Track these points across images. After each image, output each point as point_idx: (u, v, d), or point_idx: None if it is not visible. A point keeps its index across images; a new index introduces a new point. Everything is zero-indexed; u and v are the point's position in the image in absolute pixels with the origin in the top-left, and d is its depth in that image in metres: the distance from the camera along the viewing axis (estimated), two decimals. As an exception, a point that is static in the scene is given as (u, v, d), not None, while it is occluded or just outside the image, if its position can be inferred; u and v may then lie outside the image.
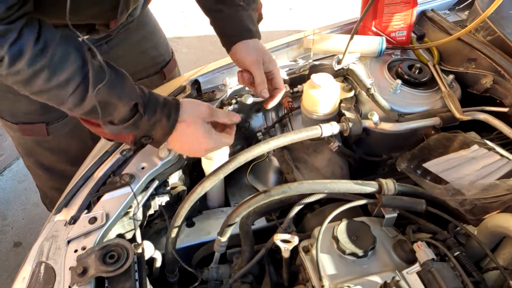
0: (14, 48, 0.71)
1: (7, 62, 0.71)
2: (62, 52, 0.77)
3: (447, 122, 1.09)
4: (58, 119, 1.22)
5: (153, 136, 0.89)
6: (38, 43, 0.74)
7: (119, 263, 0.78)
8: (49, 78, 0.76)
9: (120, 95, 0.82)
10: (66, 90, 0.78)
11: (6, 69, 0.72)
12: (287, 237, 0.85)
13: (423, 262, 0.78)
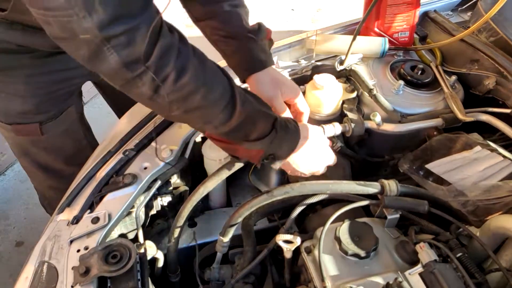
0: (178, 63, 0.69)
1: (173, 78, 0.69)
2: (213, 66, 0.77)
3: (449, 123, 1.09)
4: (52, 118, 1.22)
5: (278, 153, 0.88)
6: (195, 57, 0.73)
7: (121, 263, 0.78)
8: (207, 93, 0.74)
9: (261, 110, 0.83)
10: (219, 106, 0.77)
11: (172, 85, 0.70)
12: (289, 238, 0.85)
13: (425, 263, 0.78)
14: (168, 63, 0.69)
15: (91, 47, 0.63)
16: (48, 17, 0.60)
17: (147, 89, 0.69)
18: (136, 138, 1.05)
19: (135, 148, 1.02)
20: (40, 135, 1.21)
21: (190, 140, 1.08)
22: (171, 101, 0.72)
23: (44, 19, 0.60)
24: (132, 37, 0.64)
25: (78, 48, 0.64)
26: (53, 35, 0.63)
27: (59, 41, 0.64)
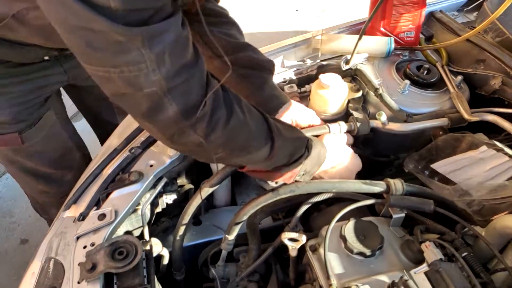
0: (227, 106, 0.70)
1: (223, 121, 0.70)
2: (247, 103, 0.77)
3: (455, 123, 1.09)
4: (31, 126, 1.20)
5: (310, 168, 0.90)
6: (235, 98, 0.74)
7: (128, 260, 0.78)
8: (250, 131, 0.75)
9: (294, 136, 0.85)
10: (259, 142, 0.78)
11: (222, 129, 0.70)
12: (295, 236, 0.85)
13: (431, 262, 0.78)
14: (219, 107, 0.69)
15: (154, 100, 0.62)
16: (113, 73, 0.58)
17: (198, 136, 0.68)
18: (142, 136, 1.05)
19: (141, 145, 1.03)
20: (21, 143, 1.20)
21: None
22: (218, 145, 0.72)
23: (107, 76, 0.59)
24: (190, 86, 0.64)
25: (138, 102, 0.63)
26: (112, 91, 0.62)
27: (116, 97, 0.63)
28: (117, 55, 0.56)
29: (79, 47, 0.57)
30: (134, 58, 0.57)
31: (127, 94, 0.62)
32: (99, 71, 0.59)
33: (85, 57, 0.59)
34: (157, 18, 0.57)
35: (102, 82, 0.61)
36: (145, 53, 0.56)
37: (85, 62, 0.59)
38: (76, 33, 0.55)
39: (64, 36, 0.57)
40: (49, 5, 0.55)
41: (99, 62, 0.58)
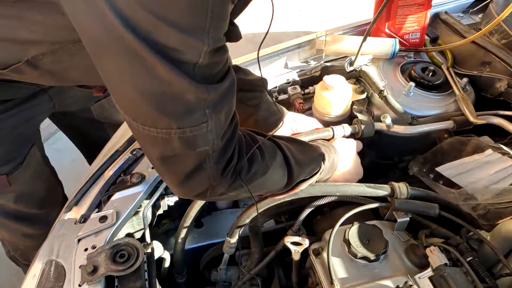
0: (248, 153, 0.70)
1: (246, 169, 0.70)
2: (260, 137, 0.76)
3: (460, 125, 1.08)
4: (18, 166, 1.13)
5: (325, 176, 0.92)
6: (249, 137, 0.74)
7: (129, 262, 0.77)
8: (271, 170, 0.75)
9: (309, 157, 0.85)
10: (279, 173, 0.78)
11: (245, 176, 0.70)
12: (298, 239, 0.85)
13: (436, 267, 0.77)
14: (242, 157, 0.68)
15: (201, 159, 0.61)
16: (174, 135, 0.56)
17: (224, 187, 0.68)
18: (144, 138, 1.04)
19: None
20: (8, 186, 1.13)
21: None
22: (239, 190, 0.72)
23: (166, 137, 0.57)
24: (231, 143, 0.65)
25: (185, 163, 0.62)
26: (162, 153, 0.61)
27: (163, 159, 0.62)
28: (184, 116, 0.55)
29: (142, 110, 0.55)
30: (198, 118, 0.56)
31: (178, 155, 0.60)
32: (156, 133, 0.57)
33: (144, 118, 0.56)
34: (221, 73, 0.57)
35: (153, 143, 0.59)
36: (208, 112, 0.56)
37: (141, 123, 0.57)
38: (151, 98, 0.54)
39: (130, 97, 0.55)
40: (130, 71, 0.52)
41: (163, 124, 0.56)
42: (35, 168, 1.19)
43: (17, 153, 1.12)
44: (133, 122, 0.58)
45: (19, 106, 1.05)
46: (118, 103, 0.58)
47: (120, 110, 0.59)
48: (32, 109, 1.09)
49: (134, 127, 0.59)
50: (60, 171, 1.42)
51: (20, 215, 1.25)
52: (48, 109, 1.18)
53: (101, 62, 0.55)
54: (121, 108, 0.58)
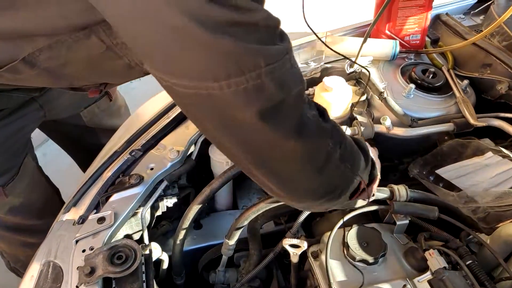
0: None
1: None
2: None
3: (461, 128, 1.08)
4: (13, 177, 1.11)
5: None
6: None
7: (126, 264, 0.77)
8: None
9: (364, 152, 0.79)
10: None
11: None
12: (296, 242, 0.84)
13: (435, 271, 0.77)
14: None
15: (301, 102, 0.57)
16: (264, 76, 0.50)
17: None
18: (143, 139, 1.04)
19: (141, 148, 1.01)
20: (5, 198, 1.11)
21: (197, 141, 1.07)
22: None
23: (257, 82, 0.50)
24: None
25: (287, 112, 0.55)
26: (261, 105, 0.52)
27: (263, 115, 0.52)
28: (266, 48, 0.51)
29: (223, 51, 0.49)
30: (278, 50, 0.52)
31: (277, 103, 0.53)
32: (246, 81, 0.49)
33: (226, 67, 0.49)
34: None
35: (246, 100, 0.51)
36: (281, 43, 0.53)
37: (225, 77, 0.49)
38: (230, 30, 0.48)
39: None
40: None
41: (249, 64, 0.49)
42: (30, 178, 1.18)
43: (11, 164, 1.10)
44: (214, 84, 0.49)
45: (9, 117, 1.03)
46: (191, 68, 0.50)
47: (191, 79, 0.50)
48: (23, 118, 1.08)
49: (217, 96, 0.50)
50: (58, 174, 1.42)
51: (19, 226, 1.24)
52: (39, 117, 1.16)
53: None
54: (195, 72, 0.50)
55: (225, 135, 0.56)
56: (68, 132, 1.40)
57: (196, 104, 0.53)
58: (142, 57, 0.55)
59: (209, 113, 0.54)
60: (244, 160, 0.59)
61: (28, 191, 1.19)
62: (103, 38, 0.68)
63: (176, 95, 0.54)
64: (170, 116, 1.10)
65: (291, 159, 0.58)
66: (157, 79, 0.54)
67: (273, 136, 0.54)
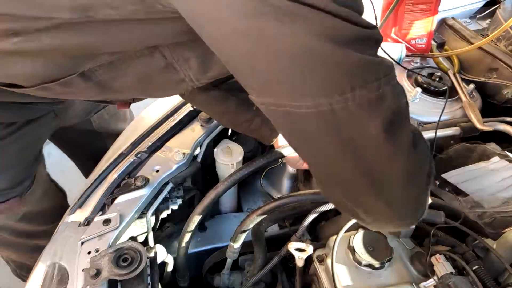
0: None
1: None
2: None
3: (467, 132, 1.07)
4: (30, 186, 1.11)
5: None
6: None
7: (132, 267, 0.77)
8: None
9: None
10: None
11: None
12: (302, 246, 0.84)
13: (441, 276, 0.76)
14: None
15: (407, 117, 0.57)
16: (385, 84, 0.50)
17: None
18: (149, 141, 1.04)
19: (147, 150, 1.02)
20: (21, 207, 1.12)
21: (202, 143, 1.07)
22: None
23: (379, 92, 0.50)
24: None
25: (405, 123, 0.56)
26: (385, 117, 0.51)
27: (387, 128, 0.52)
28: (381, 61, 0.52)
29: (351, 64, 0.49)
30: (389, 63, 0.53)
31: (398, 114, 0.53)
32: (368, 91, 0.50)
33: (348, 80, 0.49)
34: None
35: (370, 112, 0.50)
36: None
37: (340, 93, 0.49)
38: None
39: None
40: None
41: (372, 75, 0.50)
42: (43, 186, 1.18)
43: (27, 174, 1.11)
44: (339, 98, 0.49)
45: (26, 127, 1.03)
46: (315, 86, 0.49)
47: (315, 97, 0.49)
48: (39, 129, 1.08)
49: (341, 111, 0.50)
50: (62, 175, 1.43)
51: (31, 232, 1.24)
52: (54, 126, 1.17)
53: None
54: (320, 90, 0.49)
55: (343, 153, 0.55)
56: (74, 137, 1.40)
57: (315, 124, 0.52)
58: (253, 86, 0.54)
59: (328, 131, 0.53)
60: (358, 181, 0.57)
61: (42, 198, 1.19)
62: (166, 55, 0.68)
63: (292, 119, 0.53)
64: (175, 118, 1.10)
65: (405, 174, 0.58)
66: (264, 107, 0.54)
67: (394, 148, 0.54)
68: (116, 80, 0.71)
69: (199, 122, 1.11)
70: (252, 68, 0.51)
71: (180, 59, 0.68)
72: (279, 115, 0.54)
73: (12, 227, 1.20)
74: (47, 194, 1.23)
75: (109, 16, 0.58)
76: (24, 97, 0.78)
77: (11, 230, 1.21)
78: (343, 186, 0.60)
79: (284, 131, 0.60)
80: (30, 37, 0.63)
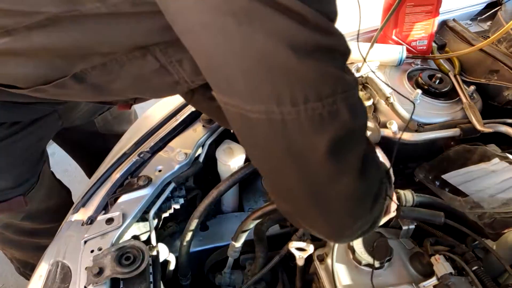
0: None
1: None
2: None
3: (467, 133, 1.08)
4: (33, 185, 1.12)
5: None
6: None
7: (134, 265, 0.78)
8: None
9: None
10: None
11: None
12: (303, 245, 0.85)
13: (441, 276, 0.77)
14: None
15: (364, 133, 0.58)
16: (340, 101, 0.50)
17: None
18: (151, 141, 1.05)
19: (150, 150, 1.03)
20: (25, 206, 1.12)
21: (204, 144, 1.08)
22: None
23: (332, 108, 0.49)
24: None
25: (357, 142, 0.56)
26: (335, 134, 0.51)
27: (334, 147, 0.51)
28: (345, 75, 0.51)
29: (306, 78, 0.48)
30: (351, 77, 0.53)
31: (350, 131, 0.52)
32: (322, 107, 0.49)
33: (307, 91, 0.48)
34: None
35: (319, 127, 0.50)
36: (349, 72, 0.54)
37: (303, 100, 0.48)
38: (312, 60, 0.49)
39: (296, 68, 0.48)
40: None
41: (327, 90, 0.49)
42: (47, 185, 1.19)
43: (31, 173, 1.12)
44: (292, 109, 0.48)
45: (29, 127, 1.04)
46: (270, 93, 0.49)
47: (268, 104, 0.49)
48: (42, 129, 1.09)
49: (291, 121, 0.49)
50: (65, 174, 1.44)
51: (35, 231, 1.25)
52: (57, 127, 1.18)
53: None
54: (273, 97, 0.48)
55: (289, 164, 0.54)
56: (78, 138, 1.41)
57: (265, 131, 0.52)
58: (213, 82, 0.54)
59: (277, 140, 0.52)
60: (301, 195, 0.58)
61: (47, 197, 1.20)
62: (159, 57, 0.68)
63: (244, 122, 0.53)
64: (178, 119, 1.11)
65: (348, 197, 0.57)
66: (223, 105, 0.53)
67: (338, 169, 0.54)
68: (111, 83, 0.72)
69: (201, 122, 1.11)
70: (212, 63, 0.51)
71: (173, 61, 0.69)
72: (234, 116, 0.54)
73: (16, 225, 1.21)
74: (51, 193, 1.23)
75: (97, 9, 0.59)
76: (25, 97, 0.79)
77: (15, 228, 1.22)
78: (288, 196, 0.60)
79: (237, 133, 0.59)
80: (21, 36, 0.64)
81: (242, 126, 0.54)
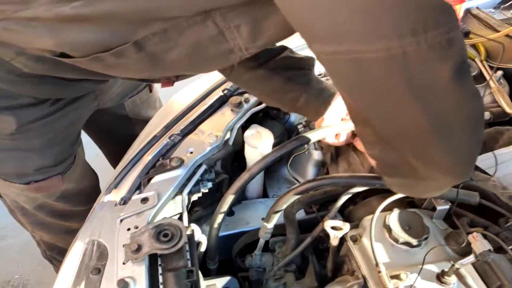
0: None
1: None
2: None
3: (497, 117, 1.08)
4: (70, 165, 1.14)
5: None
6: None
7: (172, 242, 0.78)
8: None
9: None
10: None
11: None
12: (339, 224, 0.85)
13: (479, 253, 0.76)
14: None
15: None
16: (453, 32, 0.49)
17: None
18: (181, 124, 1.06)
19: (180, 133, 1.03)
20: (62, 185, 1.14)
21: (233, 128, 1.08)
22: None
23: (451, 36, 0.49)
24: None
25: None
26: (456, 59, 0.51)
27: (458, 71, 0.51)
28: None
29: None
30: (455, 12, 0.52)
31: (464, 62, 0.53)
32: (440, 34, 0.48)
33: (426, 18, 0.47)
34: None
35: (442, 55, 0.49)
36: None
37: (424, 29, 0.47)
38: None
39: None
40: None
41: (445, 17, 0.49)
42: (82, 166, 1.22)
43: (69, 152, 1.13)
44: (412, 39, 0.47)
45: (69, 106, 1.06)
46: (389, 28, 0.48)
47: (389, 39, 0.48)
48: (81, 108, 1.11)
49: (413, 53, 0.48)
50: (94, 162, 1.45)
51: (67, 213, 1.26)
52: (94, 107, 1.20)
53: None
54: (393, 31, 0.47)
55: (410, 100, 0.53)
56: (106, 121, 1.42)
57: (384, 69, 0.50)
58: (315, 34, 0.53)
59: (397, 76, 0.51)
60: (423, 130, 0.57)
61: (80, 178, 1.22)
62: (218, 22, 0.67)
63: (356, 68, 0.52)
64: (206, 103, 1.12)
65: (471, 122, 0.57)
66: (327, 56, 0.53)
67: (462, 94, 0.53)
68: (168, 52, 0.72)
69: (230, 106, 1.12)
70: (320, 11, 0.50)
71: (231, 26, 0.68)
72: (344, 65, 0.53)
73: (50, 206, 1.22)
74: (85, 175, 1.25)
75: None
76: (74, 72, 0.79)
77: (48, 210, 1.23)
78: (407, 135, 0.60)
79: (346, 83, 0.57)
80: (88, 1, 0.64)
81: (353, 73, 0.53)
